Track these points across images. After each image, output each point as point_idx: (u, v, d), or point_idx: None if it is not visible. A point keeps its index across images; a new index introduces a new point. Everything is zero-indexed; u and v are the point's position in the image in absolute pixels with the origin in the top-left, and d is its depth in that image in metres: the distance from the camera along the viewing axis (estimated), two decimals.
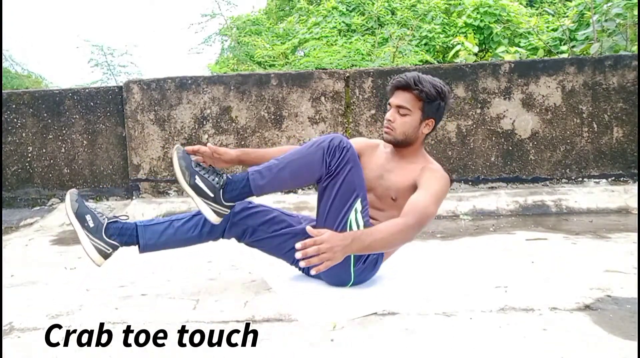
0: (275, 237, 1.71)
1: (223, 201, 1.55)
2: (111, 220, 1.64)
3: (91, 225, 1.61)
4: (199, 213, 1.68)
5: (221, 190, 1.55)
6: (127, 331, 1.44)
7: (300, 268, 1.77)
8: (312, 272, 1.37)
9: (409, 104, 1.63)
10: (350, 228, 1.57)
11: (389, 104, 1.68)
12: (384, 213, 1.70)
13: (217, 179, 1.56)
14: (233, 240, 1.75)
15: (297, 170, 1.56)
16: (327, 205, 1.59)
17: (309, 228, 1.37)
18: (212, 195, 1.54)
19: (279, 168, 1.55)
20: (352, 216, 1.57)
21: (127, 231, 1.64)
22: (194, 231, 1.67)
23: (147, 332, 1.42)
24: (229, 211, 1.58)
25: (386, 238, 1.44)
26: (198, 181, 1.54)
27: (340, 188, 1.56)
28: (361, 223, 1.58)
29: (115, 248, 1.64)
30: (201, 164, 1.60)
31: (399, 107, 1.64)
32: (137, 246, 1.66)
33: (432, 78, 1.65)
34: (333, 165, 1.55)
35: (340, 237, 1.37)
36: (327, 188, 1.58)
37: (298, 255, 1.33)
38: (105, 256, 1.63)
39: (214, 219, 1.56)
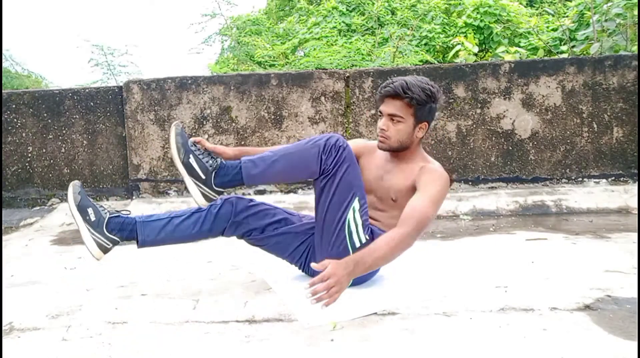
0: (277, 236, 1.71)
1: (213, 185, 1.54)
2: (113, 215, 1.63)
3: (93, 218, 1.59)
4: (199, 210, 1.67)
5: (213, 173, 1.54)
6: (127, 331, 1.44)
7: (301, 268, 1.77)
8: (324, 307, 1.32)
9: (401, 111, 1.61)
10: (349, 228, 1.57)
11: (380, 112, 1.67)
12: (385, 213, 1.70)
13: (210, 161, 1.56)
14: (233, 238, 1.75)
15: (290, 163, 1.56)
16: (325, 204, 1.58)
17: (313, 265, 1.35)
18: (203, 177, 1.54)
19: (272, 159, 1.55)
20: (350, 215, 1.57)
21: (127, 226, 1.63)
22: (193, 228, 1.66)
23: (146, 332, 1.42)
24: (217, 197, 1.57)
25: (386, 253, 1.43)
26: (192, 160, 1.54)
27: (337, 187, 1.56)
28: (359, 222, 1.58)
29: (115, 243, 1.62)
30: (197, 145, 1.59)
31: (391, 116, 1.62)
32: (136, 241, 1.65)
33: (420, 80, 1.61)
34: (330, 164, 1.54)
35: (343, 266, 1.34)
36: (325, 187, 1.57)
37: (308, 295, 1.29)
38: (105, 250, 1.61)
39: (202, 202, 1.55)
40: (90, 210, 1.60)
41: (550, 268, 1.91)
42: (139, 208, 3.36)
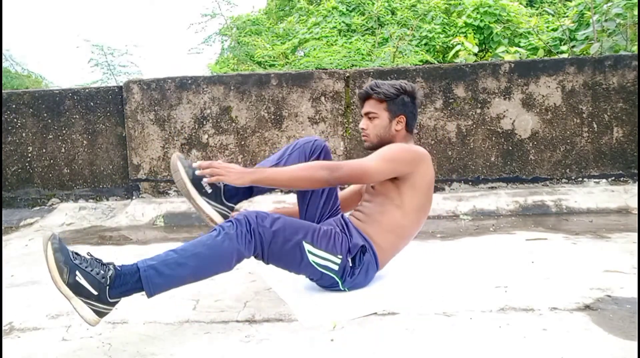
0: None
1: (108, 299, 1.29)
2: (226, 183, 1.56)
3: (209, 190, 1.56)
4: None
5: (108, 287, 1.28)
6: (127, 331, 1.44)
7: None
8: (205, 181, 1.47)
9: (374, 108, 1.73)
10: (319, 264, 1.57)
11: (361, 115, 1.75)
12: (371, 203, 1.74)
13: (102, 272, 1.29)
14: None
15: (201, 265, 1.39)
16: (287, 268, 1.59)
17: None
18: (95, 293, 1.27)
19: (178, 263, 1.36)
20: (310, 258, 1.55)
21: (239, 190, 1.63)
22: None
23: (146, 332, 1.42)
24: (112, 308, 1.32)
25: (292, 172, 1.50)
26: (79, 277, 1.26)
27: (282, 256, 1.53)
28: (321, 253, 1.57)
29: (232, 209, 1.64)
30: (81, 255, 1.32)
31: (367, 114, 1.75)
32: (249, 199, 1.71)
33: (393, 81, 1.75)
34: (258, 249, 1.47)
35: (242, 168, 1.47)
36: (273, 262, 1.55)
37: (195, 165, 1.45)
38: (226, 218, 1.57)
39: (94, 320, 1.28)
40: (204, 182, 1.55)
41: (550, 268, 1.91)
42: (139, 208, 3.36)
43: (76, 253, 1.31)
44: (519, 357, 1.21)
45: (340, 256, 1.60)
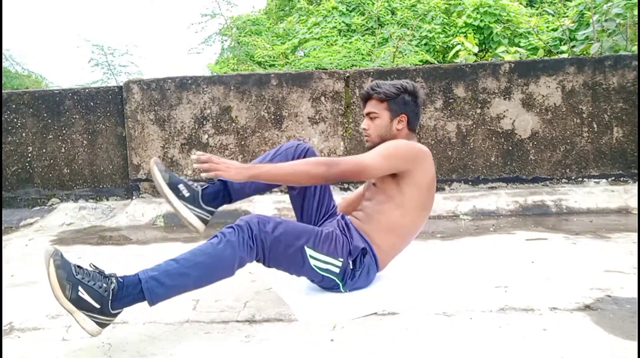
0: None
1: (110, 311, 1.30)
2: (204, 186, 1.64)
3: (186, 194, 1.59)
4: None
5: (110, 300, 1.30)
6: (127, 331, 1.44)
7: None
8: (203, 175, 1.42)
9: (375, 108, 1.73)
10: (320, 268, 1.57)
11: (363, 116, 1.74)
12: (372, 201, 1.73)
13: (104, 286, 1.30)
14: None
15: (204, 275, 1.40)
16: (288, 270, 1.59)
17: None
18: (98, 307, 1.28)
19: (179, 273, 1.36)
20: (312, 262, 1.56)
21: (218, 193, 1.66)
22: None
23: (146, 332, 1.42)
24: (114, 319, 1.34)
25: (288, 168, 1.49)
26: (82, 292, 1.27)
27: (284, 260, 1.54)
28: (323, 257, 1.57)
29: (212, 214, 1.65)
30: (83, 267, 1.34)
31: (368, 114, 1.75)
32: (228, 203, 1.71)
33: (395, 81, 1.75)
34: (259, 255, 1.48)
35: (240, 164, 1.46)
36: (274, 265, 1.56)
37: (194, 157, 1.42)
38: (205, 223, 1.63)
39: (96, 331, 1.29)
40: (181, 186, 1.60)
41: (550, 268, 1.91)
42: (138, 208, 3.36)
43: (79, 267, 1.31)
44: (519, 357, 1.21)
45: (342, 259, 1.60)
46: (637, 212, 2.99)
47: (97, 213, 3.41)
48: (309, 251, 1.54)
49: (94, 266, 1.36)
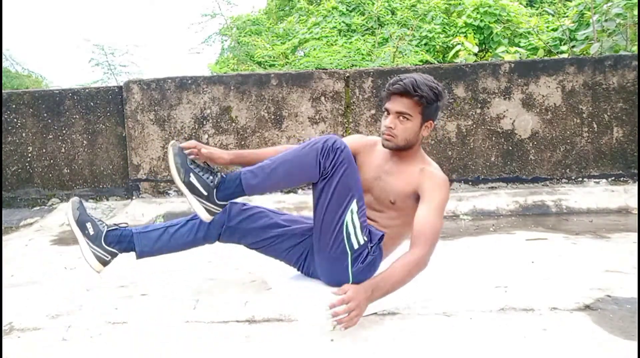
0: (273, 238, 1.72)
1: (216, 200, 1.55)
2: (110, 228, 1.67)
3: (91, 232, 1.64)
4: (193, 218, 1.71)
5: (215, 189, 1.55)
6: (127, 331, 1.44)
7: (300, 269, 1.77)
8: (342, 329, 1.36)
9: (410, 110, 1.58)
10: (347, 230, 1.56)
11: (386, 109, 1.63)
12: (383, 214, 1.69)
13: (211, 178, 1.56)
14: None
15: (289, 171, 1.56)
16: (323, 207, 1.58)
17: (333, 290, 1.40)
18: (205, 193, 1.54)
19: (271, 168, 1.56)
20: (348, 217, 1.56)
21: (125, 238, 1.67)
22: (188, 236, 1.69)
23: (146, 332, 1.42)
24: (220, 209, 1.58)
25: (404, 277, 1.45)
26: (193, 179, 1.55)
27: (335, 189, 1.55)
28: (357, 223, 1.57)
29: (114, 255, 1.67)
30: (196, 161, 1.60)
31: (399, 113, 1.59)
32: (134, 252, 1.68)
33: (426, 79, 1.60)
34: (328, 166, 1.54)
35: (362, 290, 1.37)
36: (323, 190, 1.57)
37: (329, 316, 1.35)
38: (104, 263, 1.66)
39: (206, 217, 1.56)
40: (88, 224, 1.65)
41: (550, 268, 1.91)
42: (139, 208, 3.36)
43: (192, 160, 1.59)
44: (519, 357, 1.21)
45: (365, 239, 1.60)
46: (637, 212, 2.99)
47: (97, 213, 3.41)
48: (352, 206, 1.55)
49: (206, 163, 1.62)
